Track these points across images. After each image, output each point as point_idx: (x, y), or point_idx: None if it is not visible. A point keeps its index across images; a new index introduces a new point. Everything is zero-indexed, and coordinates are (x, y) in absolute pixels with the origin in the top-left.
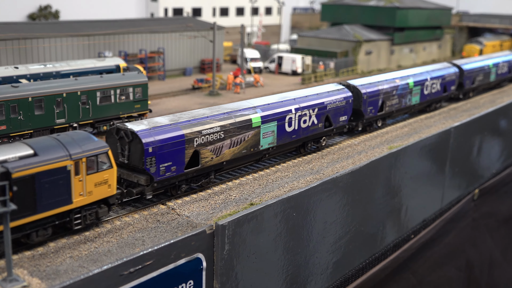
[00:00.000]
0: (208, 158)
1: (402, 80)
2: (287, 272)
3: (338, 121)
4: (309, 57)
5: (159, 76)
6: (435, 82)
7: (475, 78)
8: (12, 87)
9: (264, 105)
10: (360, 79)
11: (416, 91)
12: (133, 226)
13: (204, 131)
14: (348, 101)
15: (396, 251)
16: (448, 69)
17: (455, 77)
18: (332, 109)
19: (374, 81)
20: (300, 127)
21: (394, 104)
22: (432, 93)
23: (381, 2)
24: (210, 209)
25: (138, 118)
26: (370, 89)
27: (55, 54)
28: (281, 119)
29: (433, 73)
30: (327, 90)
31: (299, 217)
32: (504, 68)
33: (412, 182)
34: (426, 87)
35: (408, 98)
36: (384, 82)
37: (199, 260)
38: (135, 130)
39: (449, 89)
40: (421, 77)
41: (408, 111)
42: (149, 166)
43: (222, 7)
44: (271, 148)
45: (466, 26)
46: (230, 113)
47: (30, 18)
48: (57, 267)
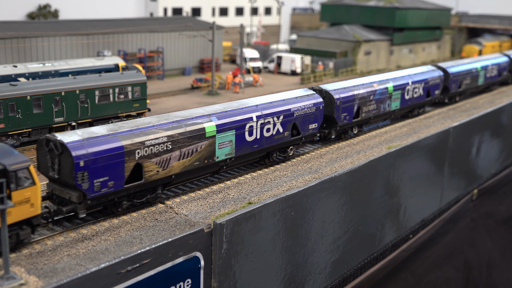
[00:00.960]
0: (153, 171)
1: (380, 84)
2: (285, 271)
3: (307, 129)
4: (308, 57)
5: (158, 76)
6: (417, 86)
7: (462, 82)
8: (11, 86)
9: (221, 112)
10: (334, 84)
11: (396, 96)
12: (131, 225)
13: (147, 142)
14: (319, 107)
15: (394, 251)
16: (432, 72)
17: (439, 80)
18: (300, 116)
19: (349, 86)
20: (263, 136)
21: (371, 110)
22: (414, 98)
23: (381, 2)
24: (208, 208)
25: (137, 117)
26: (344, 94)
27: (54, 53)
28: (240, 128)
29: (415, 76)
30: (295, 95)
31: (297, 216)
32: (494, 71)
33: (411, 182)
34: (407, 91)
35: (387, 104)
36: (360, 87)
37: (197, 259)
38: (65, 141)
39: (432, 93)
40: (401, 81)
41: (387, 117)
42: (80, 181)
43: (221, 7)
44: (229, 160)
45: (466, 26)
46: (180, 121)
47: (29, 17)
48: (55, 265)
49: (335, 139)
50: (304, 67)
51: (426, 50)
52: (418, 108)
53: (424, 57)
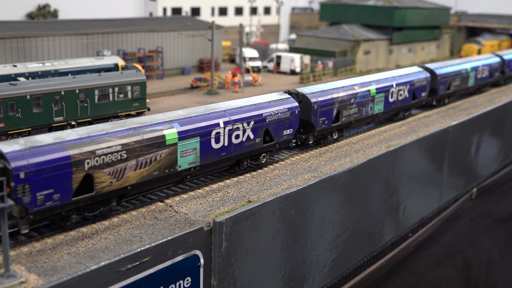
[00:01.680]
0: (105, 183)
1: (362, 87)
2: (284, 270)
3: (281, 135)
4: (308, 57)
5: (157, 75)
6: (402, 88)
7: (451, 83)
8: (11, 85)
9: (184, 118)
10: (312, 87)
11: (379, 99)
12: (131, 223)
13: (99, 151)
14: (294, 112)
15: (394, 250)
16: (418, 74)
17: (426, 82)
18: (273, 122)
19: (327, 89)
20: (231, 143)
21: (352, 113)
22: (399, 101)
23: (380, 1)
24: (208, 206)
25: (136, 116)
26: (322, 98)
27: (54, 52)
28: (205, 135)
29: (400, 78)
30: (268, 100)
31: (297, 215)
32: (485, 72)
33: (410, 181)
34: (392, 94)
35: (370, 107)
36: (340, 90)
37: (197, 257)
38: (4, 151)
39: (419, 96)
40: (385, 83)
41: (371, 121)
42: (21, 195)
43: (220, 6)
44: (193, 169)
45: (465, 26)
46: (137, 128)
47: (29, 17)
48: (55, 263)
49: (313, 145)
50: (303, 66)
51: (425, 49)
52: (403, 111)
53: (423, 56)
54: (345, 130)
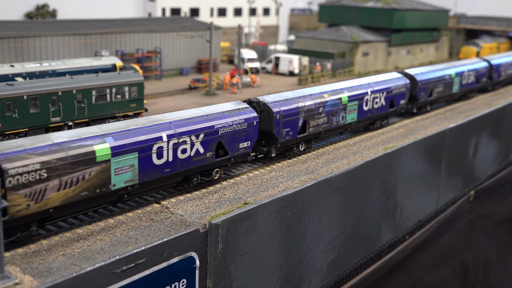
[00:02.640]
0: (21, 206)
1: (332, 94)
2: (281, 272)
3: (237, 149)
4: (306, 58)
5: (155, 76)
6: (379, 95)
7: (433, 90)
8: (8, 85)
9: (120, 132)
10: (276, 95)
11: (352, 107)
12: (127, 225)
13: (12, 170)
14: (252, 123)
15: (391, 252)
16: (396, 80)
17: (405, 89)
18: (227, 134)
19: (293, 97)
20: (177, 158)
21: (321, 123)
22: (375, 109)
23: (379, 3)
24: (204, 208)
25: (134, 117)
26: (285, 107)
27: (52, 52)
28: (145, 149)
29: (376, 85)
30: (222, 110)
31: (293, 217)
32: (470, 78)
33: (408, 183)
34: (366, 102)
35: (341, 116)
36: (307, 98)
37: (192, 259)
38: None
39: (397, 103)
40: (358, 90)
41: (343, 131)
42: None
43: (220, 7)
44: (131, 187)
45: (464, 28)
46: (61, 144)
47: (27, 17)
48: (50, 265)
49: (277, 158)
50: (302, 67)
51: (424, 51)
52: (380, 120)
53: (422, 58)
54: (313, 141)
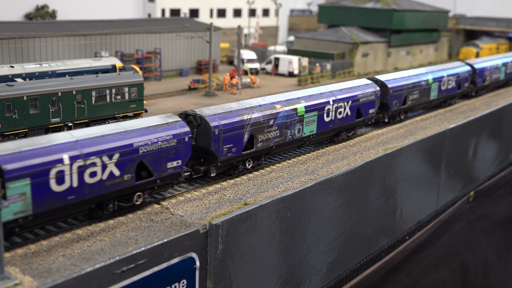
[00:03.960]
0: None
1: (286, 105)
2: (281, 273)
3: (164, 169)
4: (306, 59)
5: (155, 77)
6: (343, 105)
7: (407, 97)
8: (7, 86)
9: (12, 153)
10: (218, 106)
11: (310, 119)
12: (127, 225)
13: None
14: (183, 139)
15: (390, 253)
16: (365, 87)
17: (374, 97)
18: (150, 153)
19: (237, 109)
20: (84, 183)
21: (272, 137)
22: (338, 120)
23: (378, 4)
24: (204, 209)
25: (133, 117)
26: (226, 120)
27: (51, 53)
28: (40, 175)
29: (340, 93)
30: (146, 125)
31: (293, 218)
32: (451, 83)
33: (407, 184)
34: (327, 112)
35: (298, 129)
36: (255, 109)
37: (193, 260)
38: None
39: (365, 113)
40: (318, 99)
41: (301, 144)
42: None
43: (219, 8)
44: (23, 219)
45: (463, 29)
46: None
47: (27, 17)
48: (50, 265)
49: (218, 177)
50: (302, 68)
51: (424, 52)
52: (346, 131)
53: (421, 59)
54: (264, 158)
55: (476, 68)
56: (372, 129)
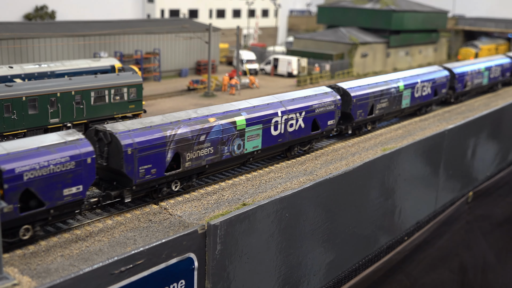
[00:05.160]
0: None
1: (223, 117)
2: (279, 273)
3: (59, 197)
4: (305, 59)
5: (154, 77)
6: (294, 116)
7: (374, 106)
8: (6, 86)
9: None
10: (136, 121)
11: (254, 133)
12: (125, 226)
13: None
14: (84, 161)
15: (389, 253)
16: (322, 96)
17: (334, 107)
18: (39, 179)
19: (159, 124)
20: None
21: (204, 155)
22: (289, 133)
23: (377, 5)
24: (203, 209)
25: (132, 118)
26: (142, 138)
27: (50, 54)
28: None
29: (291, 104)
30: (37, 145)
31: (292, 218)
32: (426, 90)
33: (406, 184)
34: (276, 125)
35: (238, 144)
36: (182, 124)
37: (191, 260)
38: None
39: (323, 124)
40: (265, 111)
41: (244, 161)
42: None
43: (218, 8)
44: None
45: (462, 29)
46: None
47: (26, 18)
48: (48, 266)
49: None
50: (301, 69)
51: (423, 52)
52: (300, 145)
53: (420, 59)
54: (195, 178)
55: (455, 72)
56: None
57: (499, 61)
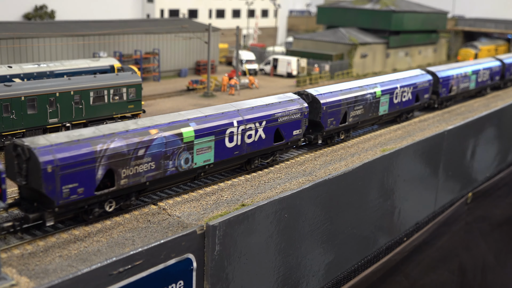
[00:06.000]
0: None
1: (168, 129)
2: (278, 274)
3: None
4: (304, 60)
5: (154, 77)
6: (253, 126)
7: (347, 114)
8: (5, 86)
9: None
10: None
11: (204, 145)
12: (124, 226)
13: None
14: None
15: (388, 254)
16: (287, 104)
17: (300, 115)
18: None
19: (88, 137)
20: None
21: (144, 171)
22: (247, 145)
23: (377, 5)
24: (201, 210)
25: (132, 118)
26: (66, 154)
27: (50, 53)
28: None
29: (249, 113)
30: None
31: (291, 219)
32: (406, 95)
33: (405, 185)
34: (231, 136)
35: (185, 159)
36: (117, 137)
37: (189, 261)
38: None
39: (288, 135)
40: (218, 120)
41: (194, 177)
42: None
43: (218, 9)
44: None
45: (462, 30)
46: None
47: (26, 17)
48: (46, 266)
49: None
50: (300, 69)
51: (422, 53)
52: (261, 157)
53: (420, 60)
54: (134, 196)
55: (439, 76)
56: (371, 130)
57: (487, 64)
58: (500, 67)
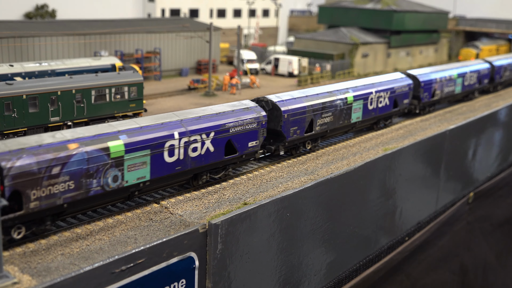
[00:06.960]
0: None
1: (91, 143)
2: (280, 273)
3: None
4: (306, 59)
5: (155, 76)
6: (198, 138)
7: (314, 122)
8: (7, 85)
9: None
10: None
11: (137, 161)
12: (126, 224)
13: None
14: None
15: (390, 253)
16: (240, 113)
17: (256, 124)
18: None
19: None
20: None
21: (60, 192)
22: (193, 159)
23: (378, 5)
24: (204, 208)
25: (133, 117)
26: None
27: (51, 52)
28: None
29: (193, 123)
30: None
31: (292, 218)
32: (383, 101)
33: (407, 185)
34: (172, 150)
35: (113, 176)
36: (26, 153)
37: (192, 259)
38: None
39: (242, 147)
40: (155, 132)
41: (128, 195)
42: None
43: (219, 8)
44: None
45: (463, 30)
46: None
47: (27, 16)
48: (48, 264)
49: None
50: (301, 69)
51: (423, 53)
52: (211, 172)
53: (421, 60)
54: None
55: (420, 80)
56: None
57: (475, 66)
58: (489, 69)
